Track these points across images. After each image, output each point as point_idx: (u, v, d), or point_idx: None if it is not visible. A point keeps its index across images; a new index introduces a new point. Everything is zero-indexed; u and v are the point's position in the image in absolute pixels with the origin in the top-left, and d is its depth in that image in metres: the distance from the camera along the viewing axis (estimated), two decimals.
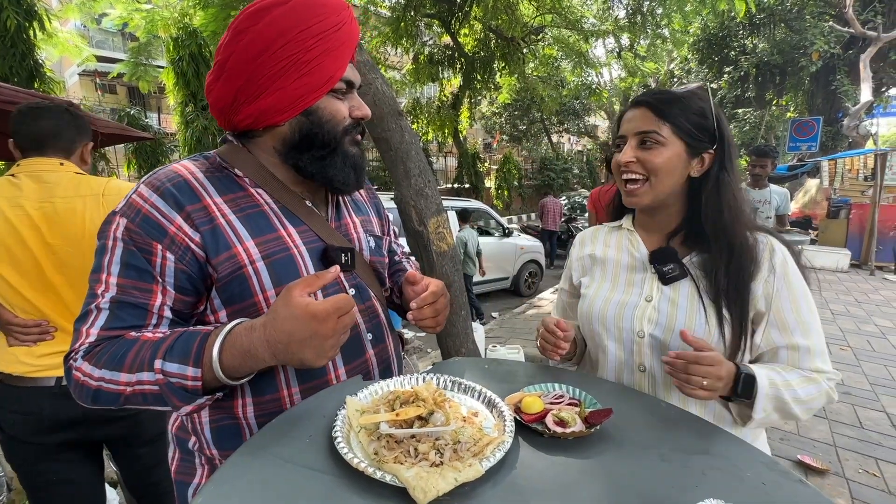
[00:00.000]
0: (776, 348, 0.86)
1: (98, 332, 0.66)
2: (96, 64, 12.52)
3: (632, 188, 0.91)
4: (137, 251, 0.67)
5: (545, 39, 10.55)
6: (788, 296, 0.85)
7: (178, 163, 0.75)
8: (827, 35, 11.88)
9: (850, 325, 4.65)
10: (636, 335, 0.91)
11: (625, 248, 1.00)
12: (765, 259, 0.86)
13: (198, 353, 0.62)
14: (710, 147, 0.89)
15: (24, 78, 6.61)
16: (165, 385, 0.62)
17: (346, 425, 0.63)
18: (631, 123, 0.91)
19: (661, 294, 0.90)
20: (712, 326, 0.85)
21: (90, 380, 0.64)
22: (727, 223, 0.87)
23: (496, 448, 0.58)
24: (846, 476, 2.28)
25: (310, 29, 0.70)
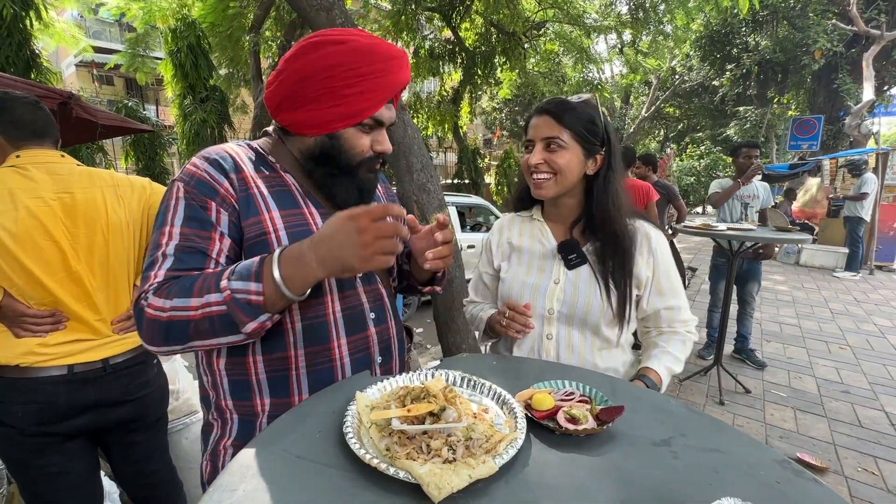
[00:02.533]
0: (658, 310, 1.11)
1: (164, 272, 0.73)
2: (93, 55, 12.41)
3: (539, 182, 1.07)
4: (197, 206, 0.76)
5: (547, 34, 10.49)
6: (663, 269, 1.09)
7: (226, 145, 0.86)
8: (830, 33, 11.85)
9: (849, 325, 4.66)
10: (547, 311, 1.10)
11: (536, 237, 1.18)
12: (644, 243, 1.09)
13: (258, 270, 0.69)
14: (601, 149, 1.07)
15: (21, 68, 6.55)
16: (232, 301, 0.68)
17: (357, 421, 0.63)
18: (537, 129, 1.07)
19: (566, 277, 1.10)
20: (604, 301, 1.05)
21: (161, 312, 0.69)
22: (612, 214, 1.06)
23: (509, 445, 0.58)
24: (845, 474, 2.29)
25: (355, 70, 0.79)
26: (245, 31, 7.48)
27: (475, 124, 21.95)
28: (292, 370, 0.83)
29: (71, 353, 1.24)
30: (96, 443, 1.40)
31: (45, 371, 1.21)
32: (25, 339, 1.20)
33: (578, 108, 1.05)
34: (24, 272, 1.18)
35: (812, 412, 2.92)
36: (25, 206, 1.16)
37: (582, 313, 1.07)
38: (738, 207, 3.69)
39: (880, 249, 7.50)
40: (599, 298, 1.06)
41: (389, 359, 0.94)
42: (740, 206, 3.68)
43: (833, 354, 3.89)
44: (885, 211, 7.59)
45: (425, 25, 10.26)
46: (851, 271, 7.07)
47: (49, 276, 1.21)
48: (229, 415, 0.86)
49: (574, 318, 1.08)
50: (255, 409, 0.84)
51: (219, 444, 0.86)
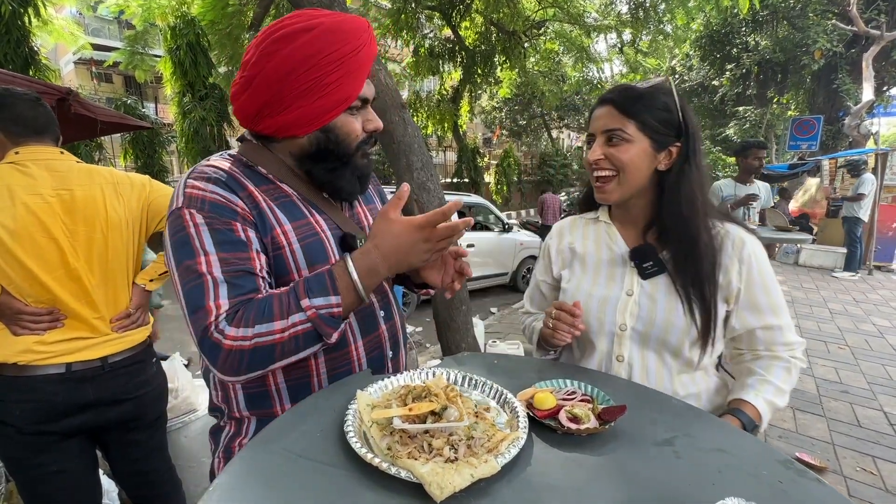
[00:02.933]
0: (752, 329, 0.95)
1: (229, 300, 0.69)
2: (92, 52, 12.37)
3: (601, 185, 0.95)
4: (224, 227, 0.72)
5: (547, 34, 10.48)
6: (759, 282, 0.92)
7: (208, 161, 0.80)
8: (830, 33, 11.85)
9: (847, 324, 4.67)
10: (618, 328, 0.95)
11: (603, 242, 1.04)
12: (733, 251, 0.93)
13: (332, 284, 0.71)
14: (677, 140, 0.92)
15: (19, 65, 6.54)
16: (318, 318, 0.69)
17: (358, 420, 0.62)
18: (598, 121, 0.94)
19: (641, 289, 0.95)
20: (688, 318, 0.91)
21: (245, 341, 0.66)
22: (685, 216, 0.91)
23: (511, 444, 0.57)
24: (844, 474, 2.30)
25: (332, 55, 0.75)
26: (245, 29, 7.45)
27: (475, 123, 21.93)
28: (313, 377, 0.82)
29: (69, 352, 1.23)
30: (95, 441, 1.39)
31: (43, 369, 1.21)
32: (23, 338, 1.20)
33: (647, 94, 0.91)
34: (22, 269, 1.17)
35: (811, 412, 2.92)
36: (24, 202, 1.16)
37: (661, 332, 0.92)
38: (740, 208, 3.68)
39: (879, 249, 7.51)
40: (682, 315, 0.91)
41: (398, 352, 0.95)
42: (743, 207, 3.67)
43: (832, 354, 3.89)
44: (884, 211, 7.60)
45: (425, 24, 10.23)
46: (850, 271, 7.08)
47: (47, 273, 1.20)
48: (245, 418, 0.85)
49: (650, 337, 0.93)
50: (276, 414, 0.82)
51: (233, 441, 0.85)
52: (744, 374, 0.98)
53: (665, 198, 0.93)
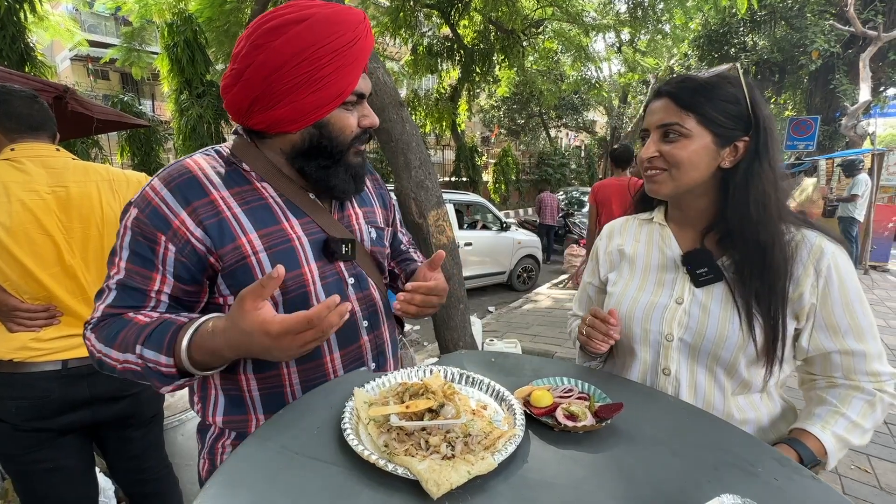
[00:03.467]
0: (827, 353, 0.82)
1: (104, 308, 0.73)
2: (88, 49, 12.30)
3: (652, 175, 0.87)
4: (143, 240, 0.72)
5: (545, 33, 10.48)
6: (840, 299, 0.80)
7: (191, 157, 0.79)
8: (827, 34, 11.87)
9: None
10: (664, 338, 0.88)
11: (656, 244, 0.96)
12: (809, 261, 0.81)
13: (169, 344, 0.67)
14: (745, 134, 0.82)
15: (15, 61, 6.50)
16: (145, 368, 0.68)
17: (355, 417, 0.62)
18: (653, 116, 0.86)
19: (693, 297, 0.87)
20: (745, 333, 0.81)
21: (94, 350, 0.72)
22: (754, 219, 0.81)
23: (508, 441, 0.57)
24: (839, 472, 2.31)
25: (326, 47, 0.72)
26: (242, 27, 7.42)
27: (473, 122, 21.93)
28: (286, 387, 0.81)
29: (65, 349, 1.23)
30: (92, 439, 1.39)
31: (39, 366, 1.20)
32: (19, 334, 1.19)
33: (709, 84, 0.82)
34: (18, 266, 1.17)
35: None
36: (19, 199, 1.15)
37: (711, 345, 0.83)
38: None
39: (875, 249, 7.55)
40: (738, 328, 0.81)
41: (384, 362, 0.92)
42: None
43: None
44: (880, 211, 7.63)
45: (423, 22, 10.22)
46: None
47: (43, 270, 1.20)
48: (219, 427, 0.84)
49: (700, 351, 0.85)
50: (249, 426, 0.81)
51: (217, 442, 0.84)
52: (814, 403, 0.86)
53: (731, 198, 0.83)
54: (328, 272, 0.83)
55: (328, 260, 0.83)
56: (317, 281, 0.80)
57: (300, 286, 0.79)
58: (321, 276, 0.81)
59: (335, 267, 0.84)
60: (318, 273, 0.81)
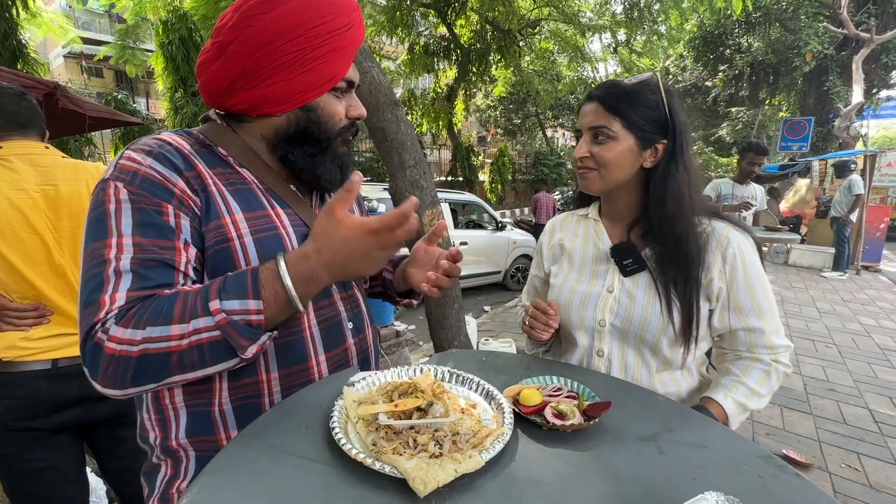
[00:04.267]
0: (734, 330, 0.93)
1: (126, 294, 0.58)
2: (82, 46, 12.21)
3: (584, 173, 0.96)
4: (150, 209, 0.62)
5: (542, 33, 10.50)
6: (744, 283, 0.91)
7: (161, 134, 0.71)
8: (821, 35, 11.97)
9: (835, 324, 4.73)
10: (598, 324, 0.97)
11: (591, 238, 1.05)
12: (717, 249, 0.91)
13: (254, 286, 0.59)
14: (663, 137, 0.91)
15: (7, 58, 6.42)
16: (229, 325, 0.57)
17: (343, 416, 0.62)
18: (585, 118, 0.94)
19: (622, 286, 0.96)
20: (665, 316, 0.91)
21: (130, 346, 0.55)
22: (670, 214, 0.90)
23: (496, 440, 0.58)
24: (829, 471, 2.33)
25: (321, 26, 0.69)
26: None
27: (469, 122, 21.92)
28: (265, 396, 0.71)
29: (55, 348, 1.22)
30: (83, 438, 1.38)
31: (29, 365, 1.19)
32: (8, 334, 1.18)
33: (633, 91, 0.90)
34: (7, 265, 1.16)
35: (798, 409, 2.96)
36: (7, 197, 1.14)
37: (637, 328, 0.93)
38: (734, 204, 3.68)
39: (867, 250, 7.62)
40: (659, 313, 0.91)
41: (367, 368, 0.88)
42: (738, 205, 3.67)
43: (819, 353, 3.94)
44: (872, 212, 7.70)
45: (420, 22, 10.21)
46: (838, 271, 7.17)
47: (32, 269, 1.19)
48: (183, 453, 0.72)
49: (629, 334, 0.94)
50: (220, 445, 0.70)
51: (171, 486, 0.72)
52: (722, 374, 0.97)
53: (651, 195, 0.93)
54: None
55: None
56: None
57: None
58: None
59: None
60: None
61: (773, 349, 0.93)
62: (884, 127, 25.32)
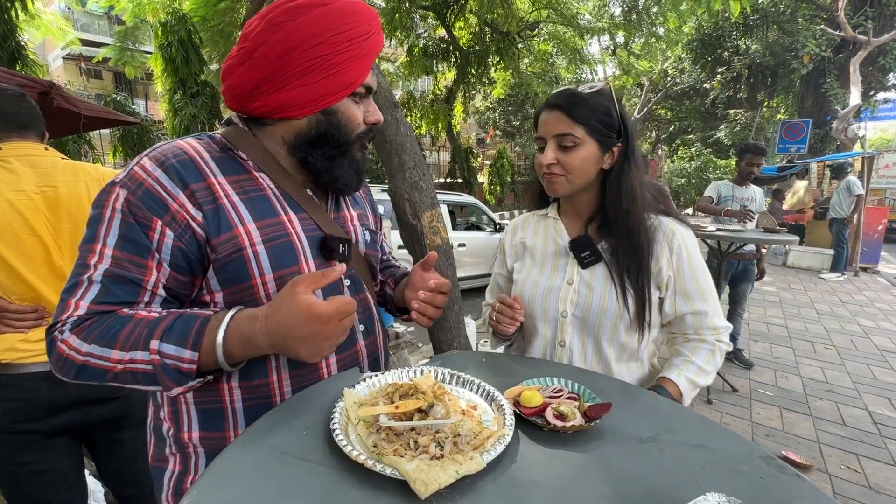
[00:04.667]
0: (682, 314, 1.01)
1: (88, 305, 0.64)
2: (81, 48, 12.21)
3: (552, 179, 1.01)
4: (136, 224, 0.66)
5: (540, 35, 10.53)
6: (689, 271, 0.99)
7: (183, 139, 0.74)
8: (818, 38, 12.02)
9: (834, 325, 4.74)
10: (560, 315, 1.03)
11: (550, 235, 1.11)
12: (664, 241, 1.00)
13: (196, 336, 0.62)
14: (618, 141, 0.99)
15: (6, 60, 6.42)
16: (160, 366, 0.61)
17: (344, 418, 0.62)
18: (549, 126, 0.98)
19: (580, 277, 1.03)
20: (621, 304, 0.98)
21: (77, 354, 0.62)
22: (625, 210, 0.98)
23: (497, 441, 0.57)
24: (829, 472, 2.33)
25: (344, 34, 0.72)
26: (237, 26, 7.40)
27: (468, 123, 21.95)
28: (275, 396, 0.75)
29: None
30: (81, 441, 1.38)
31: (27, 367, 1.19)
32: (7, 336, 1.18)
33: (591, 99, 0.96)
34: (6, 267, 1.16)
35: (797, 411, 2.96)
36: (7, 199, 1.14)
37: (597, 316, 0.99)
38: (736, 209, 3.68)
39: (865, 251, 7.64)
40: (615, 300, 0.98)
41: (377, 370, 0.90)
42: (739, 209, 3.67)
43: (818, 354, 3.95)
44: (870, 214, 7.73)
45: (419, 24, 10.23)
46: (836, 272, 7.19)
47: (31, 270, 1.19)
48: (192, 449, 0.76)
49: (588, 323, 1.01)
50: (228, 441, 0.74)
51: (182, 481, 0.77)
52: (673, 356, 1.04)
53: (608, 193, 1.00)
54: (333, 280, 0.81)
55: (325, 259, 0.80)
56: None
57: None
58: None
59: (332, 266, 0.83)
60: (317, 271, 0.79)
61: (716, 330, 1.01)
62: (881, 129, 25.43)
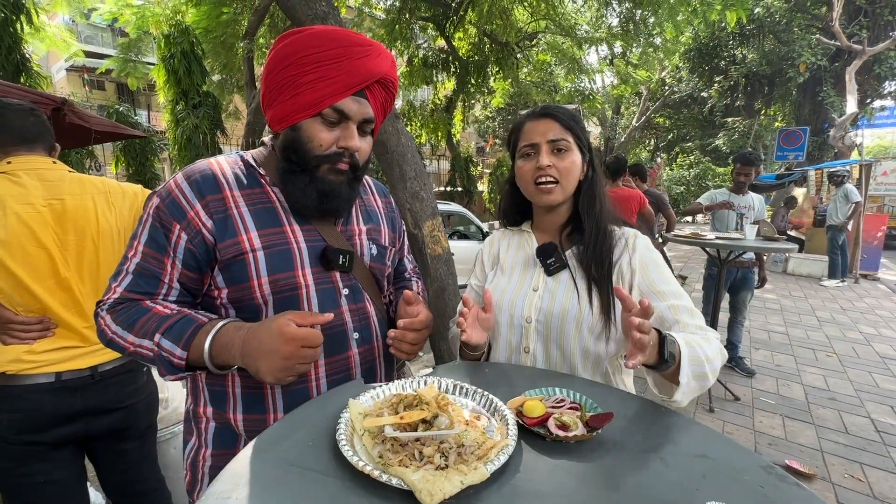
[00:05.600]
0: (658, 309, 0.93)
1: (122, 291, 0.79)
2: (84, 59, 12.32)
3: (548, 188, 1.02)
4: (161, 227, 0.79)
5: (539, 45, 10.63)
6: (655, 269, 0.99)
7: (216, 158, 0.87)
8: (814, 47, 12.14)
9: (835, 332, 4.73)
10: (525, 321, 1.03)
11: (522, 246, 1.15)
12: (625, 245, 1.02)
13: (189, 338, 0.74)
14: (589, 154, 1.07)
15: (10, 72, 6.48)
16: (158, 356, 0.74)
17: (350, 429, 0.63)
18: (540, 132, 1.02)
19: (545, 284, 1.04)
20: (584, 305, 0.98)
21: (108, 330, 0.78)
22: (598, 213, 1.03)
23: (500, 451, 0.58)
24: (832, 481, 2.32)
25: (311, 56, 0.78)
26: (238, 38, 7.49)
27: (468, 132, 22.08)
28: (267, 387, 0.84)
29: (59, 361, 1.22)
30: (84, 452, 1.38)
31: (32, 378, 1.20)
32: (13, 347, 1.19)
33: (575, 113, 1.06)
34: (13, 279, 1.17)
35: (800, 419, 2.95)
36: (15, 212, 1.16)
37: (558, 321, 0.99)
38: (734, 218, 3.72)
39: (865, 258, 7.64)
40: (576, 304, 0.98)
41: (373, 379, 0.93)
42: (737, 217, 3.71)
43: (820, 362, 3.94)
44: (869, 221, 7.75)
45: (419, 35, 10.34)
46: (836, 279, 7.19)
47: (38, 282, 1.20)
48: (205, 423, 0.88)
49: (551, 328, 1.00)
50: (231, 423, 0.86)
51: (198, 454, 0.89)
52: None
53: (582, 200, 1.05)
54: (322, 279, 0.86)
55: (324, 268, 0.86)
56: (310, 286, 0.84)
57: (292, 289, 0.83)
58: (315, 282, 0.85)
59: (331, 276, 0.87)
60: (313, 279, 0.85)
61: (703, 330, 0.90)
62: (878, 136, 25.55)
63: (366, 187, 1.06)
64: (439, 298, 2.66)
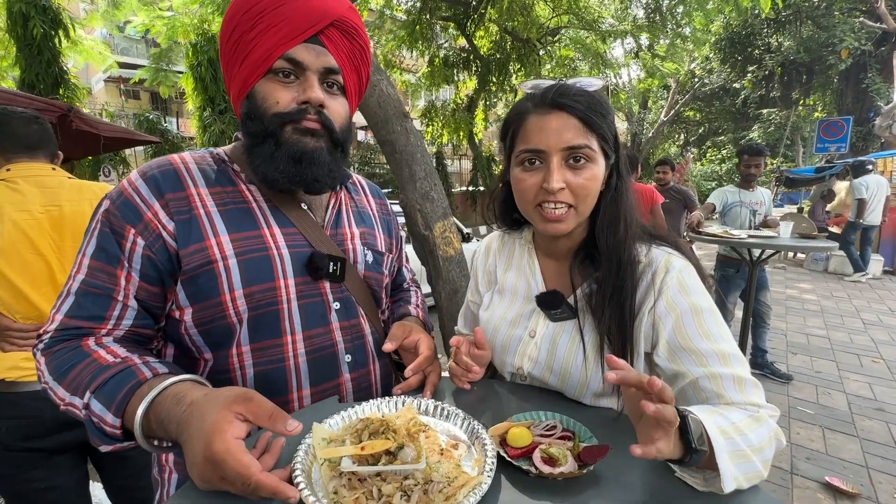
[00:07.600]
0: (695, 379, 0.68)
1: (62, 318, 0.65)
2: (119, 70, 12.87)
3: (557, 217, 0.74)
4: (111, 233, 0.66)
5: (562, 40, 10.42)
6: (692, 318, 0.71)
7: (180, 153, 0.75)
8: (857, 31, 11.44)
9: (883, 336, 4.40)
10: (517, 371, 0.84)
11: (524, 274, 0.90)
12: (655, 278, 0.74)
13: (122, 400, 0.58)
14: (615, 153, 0.77)
15: (50, 84, 6.82)
16: (88, 421, 0.59)
17: (310, 456, 0.57)
18: (553, 134, 0.71)
19: (546, 331, 0.82)
20: (590, 366, 0.75)
21: (41, 377, 0.64)
22: (621, 237, 0.76)
23: (472, 490, 0.51)
24: (879, 500, 2.12)
25: (250, 10, 0.68)
26: None
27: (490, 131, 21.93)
28: None
29: None
30: (86, 457, 1.38)
31: (31, 385, 1.20)
32: (11, 354, 1.19)
33: (602, 100, 0.74)
34: (10, 286, 1.17)
35: (842, 431, 2.73)
36: (12, 219, 1.16)
37: (557, 380, 0.79)
38: (746, 215, 3.54)
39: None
40: (581, 365, 0.76)
41: None
42: (749, 214, 3.52)
43: (865, 368, 3.66)
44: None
45: (440, 34, 10.31)
46: (859, 272, 6.82)
47: (35, 289, 1.20)
48: (168, 474, 0.78)
49: (548, 384, 0.81)
50: None
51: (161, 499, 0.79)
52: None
53: (601, 219, 0.77)
54: (308, 291, 0.74)
55: (312, 277, 0.75)
56: (292, 299, 0.72)
57: (271, 302, 0.70)
58: (299, 294, 0.73)
59: (319, 287, 0.76)
60: (296, 290, 0.73)
61: (758, 407, 0.66)
62: None
63: (357, 186, 0.95)
64: (452, 301, 2.60)
